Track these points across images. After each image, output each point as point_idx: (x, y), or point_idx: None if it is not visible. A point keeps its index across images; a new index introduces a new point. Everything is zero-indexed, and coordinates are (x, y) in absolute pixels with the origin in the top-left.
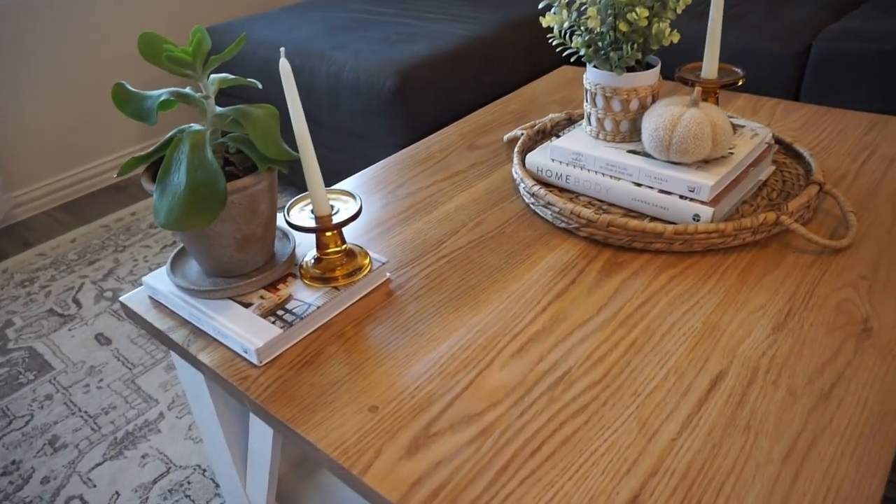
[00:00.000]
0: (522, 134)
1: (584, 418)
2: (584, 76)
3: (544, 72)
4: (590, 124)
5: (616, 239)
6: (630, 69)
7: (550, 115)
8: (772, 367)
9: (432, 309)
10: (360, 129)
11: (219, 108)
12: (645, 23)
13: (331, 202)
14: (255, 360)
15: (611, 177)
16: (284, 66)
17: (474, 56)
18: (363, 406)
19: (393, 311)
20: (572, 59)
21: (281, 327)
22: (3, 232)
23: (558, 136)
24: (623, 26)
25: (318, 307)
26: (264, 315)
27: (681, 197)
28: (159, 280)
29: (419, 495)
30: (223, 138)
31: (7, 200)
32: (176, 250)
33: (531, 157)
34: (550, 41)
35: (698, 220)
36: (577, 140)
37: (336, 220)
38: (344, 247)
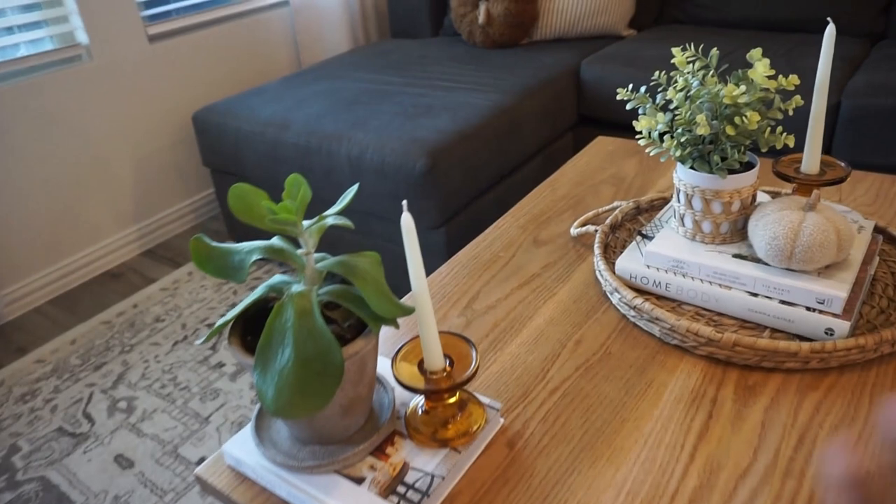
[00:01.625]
0: (596, 230)
1: None
2: (675, 176)
3: (561, 132)
4: (683, 225)
5: (741, 358)
6: (731, 170)
7: (616, 204)
8: None
9: (566, 465)
10: (385, 210)
11: (315, 256)
12: (755, 126)
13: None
14: None
15: (720, 285)
16: (407, 222)
17: (499, 127)
18: None
19: (521, 470)
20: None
21: None
22: None
23: (642, 235)
24: (730, 130)
25: (443, 478)
26: (384, 493)
27: (807, 308)
28: (243, 448)
29: None
30: (320, 293)
31: None
32: (256, 410)
33: (622, 264)
34: (637, 140)
35: (832, 335)
36: (671, 243)
37: (455, 376)
38: (457, 398)
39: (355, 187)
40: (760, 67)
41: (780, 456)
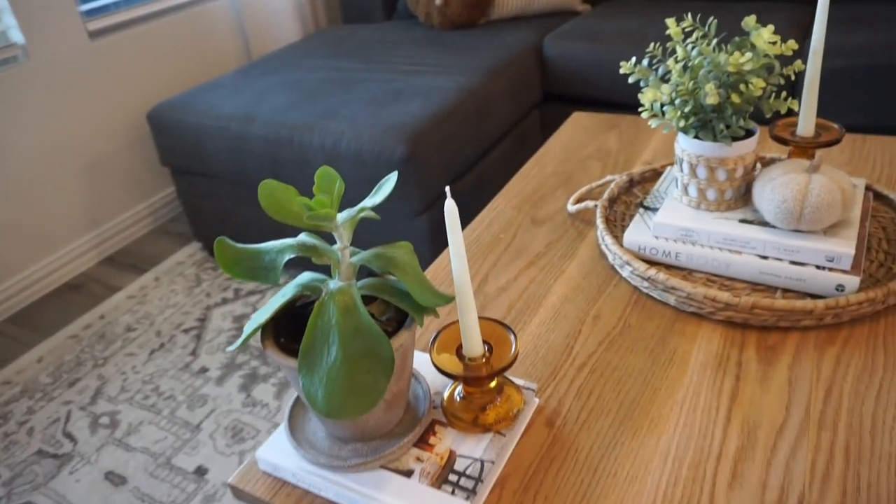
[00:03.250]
0: (595, 205)
1: None
2: (678, 146)
3: (528, 111)
4: (687, 194)
5: (759, 320)
6: (734, 137)
7: (608, 178)
8: None
9: (608, 437)
10: (364, 197)
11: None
12: (759, 93)
13: None
14: None
15: (730, 251)
16: (450, 207)
17: (470, 109)
18: None
19: (565, 447)
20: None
21: (466, 498)
22: None
23: (645, 207)
24: (736, 98)
25: (493, 462)
26: (435, 483)
27: (817, 267)
28: (278, 453)
29: None
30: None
31: None
32: (289, 407)
33: (630, 237)
34: (640, 112)
35: (843, 291)
36: (678, 213)
37: (495, 362)
38: (495, 382)
39: (394, 177)
40: (765, 34)
41: (812, 410)
